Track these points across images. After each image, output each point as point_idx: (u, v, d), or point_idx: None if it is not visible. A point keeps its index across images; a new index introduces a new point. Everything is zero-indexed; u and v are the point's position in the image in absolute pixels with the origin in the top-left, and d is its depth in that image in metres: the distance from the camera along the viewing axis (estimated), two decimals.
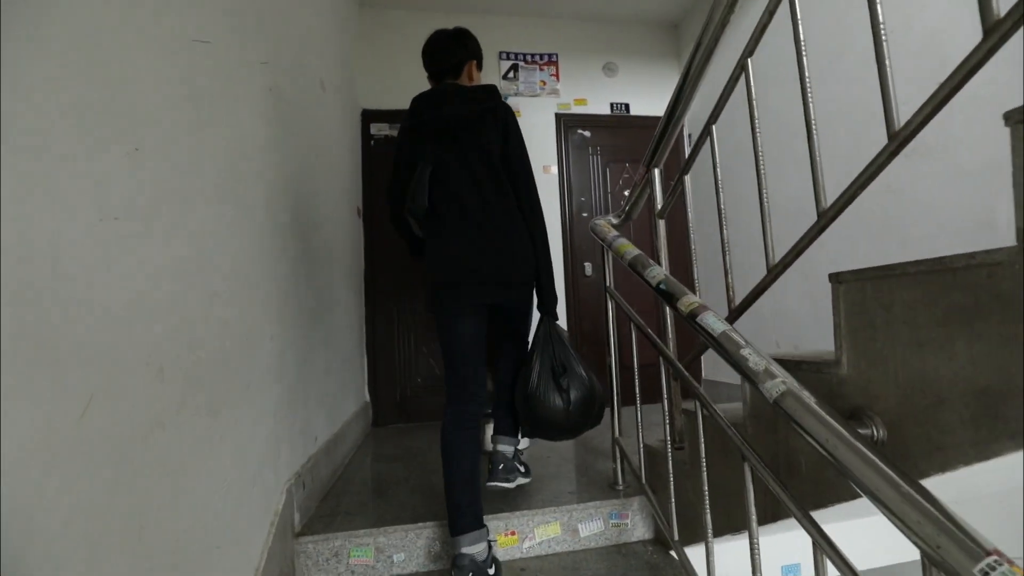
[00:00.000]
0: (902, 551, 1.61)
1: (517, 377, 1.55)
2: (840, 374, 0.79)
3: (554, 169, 3.24)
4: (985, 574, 0.47)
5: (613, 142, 3.34)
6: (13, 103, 0.53)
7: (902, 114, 0.74)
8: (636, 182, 1.61)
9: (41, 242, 0.56)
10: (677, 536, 1.20)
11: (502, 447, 1.64)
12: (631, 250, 1.38)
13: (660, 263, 1.44)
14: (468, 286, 1.37)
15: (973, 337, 0.64)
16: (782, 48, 1.06)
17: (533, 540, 1.43)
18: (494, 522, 1.41)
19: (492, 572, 1.29)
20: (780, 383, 0.79)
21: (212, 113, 1.00)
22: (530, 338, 1.59)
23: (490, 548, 1.31)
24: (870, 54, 0.75)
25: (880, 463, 0.62)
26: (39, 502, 0.54)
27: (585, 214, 3.24)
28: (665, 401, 1.29)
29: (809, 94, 0.90)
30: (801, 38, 0.92)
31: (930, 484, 0.65)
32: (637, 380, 1.44)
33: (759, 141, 1.05)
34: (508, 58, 3.27)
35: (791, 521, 0.80)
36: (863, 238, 2.00)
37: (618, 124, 3.37)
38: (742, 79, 1.09)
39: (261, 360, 1.23)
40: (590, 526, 1.45)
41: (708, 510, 1.02)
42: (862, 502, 0.69)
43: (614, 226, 1.68)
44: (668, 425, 1.29)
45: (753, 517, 0.84)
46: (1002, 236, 1.41)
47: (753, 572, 0.84)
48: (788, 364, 0.92)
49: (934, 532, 0.50)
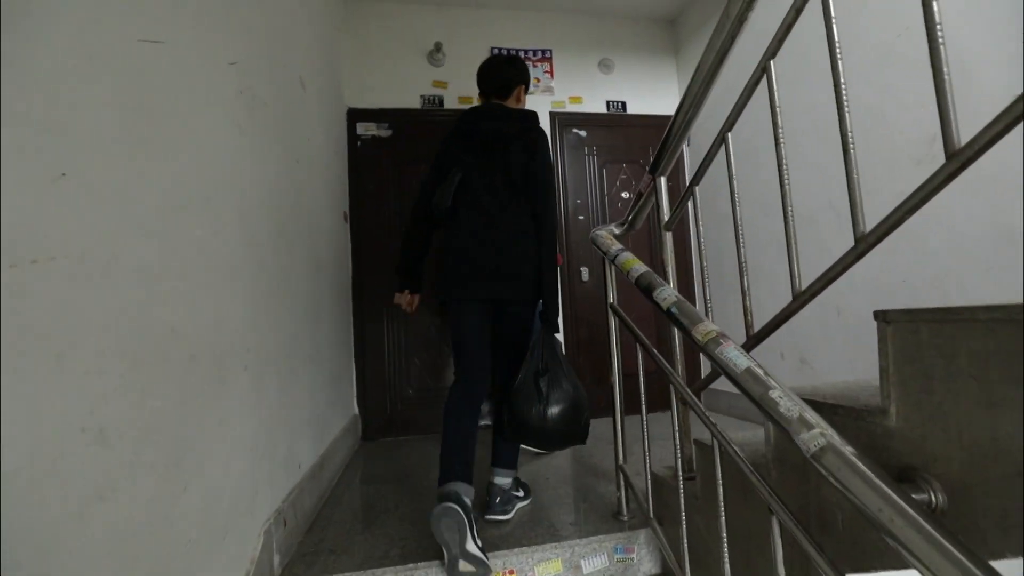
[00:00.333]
0: None
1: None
2: (887, 425, 0.70)
3: None
4: None
5: (609, 142, 3.23)
6: None
7: (922, 118, 0.65)
8: (640, 190, 1.51)
9: None
10: None
11: (499, 479, 1.59)
12: (637, 266, 1.28)
13: (668, 280, 1.34)
14: (469, 278, 1.52)
15: None
16: (791, 46, 0.95)
17: None
18: (491, 561, 1.30)
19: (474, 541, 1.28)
20: (819, 435, 0.70)
21: (167, 125, 0.88)
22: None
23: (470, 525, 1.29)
24: (888, 54, 0.65)
25: (944, 540, 0.53)
26: None
27: (581, 217, 3.13)
28: (675, 432, 1.19)
29: (846, 104, 0.80)
30: (835, 38, 0.81)
31: (1003, 567, 0.56)
32: (644, 397, 1.34)
33: (783, 152, 0.95)
34: (501, 53, 3.14)
35: None
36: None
37: (614, 123, 3.26)
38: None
39: (235, 392, 1.11)
40: (593, 562, 1.36)
41: (727, 559, 0.92)
42: (914, 573, 0.60)
43: (616, 237, 1.58)
44: (678, 456, 1.19)
45: None
46: None
47: None
48: (822, 407, 0.82)
49: None
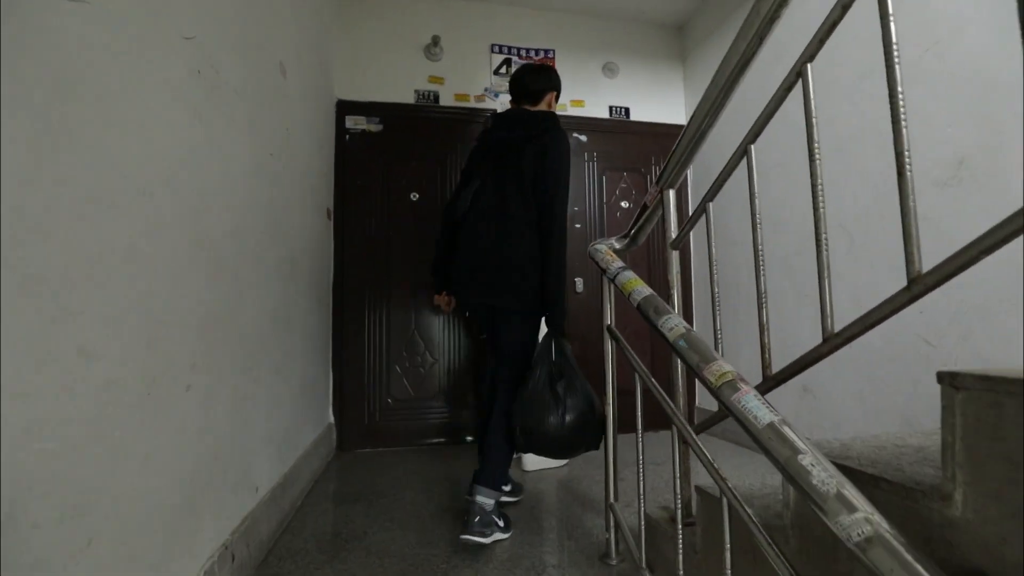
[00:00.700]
0: None
1: (495, 404, 1.60)
2: (950, 515, 0.57)
3: None
4: None
5: (610, 148, 3.11)
6: None
7: (951, 138, 0.52)
8: (646, 203, 1.38)
9: None
10: None
11: (481, 498, 1.47)
12: (640, 288, 1.15)
13: (673, 306, 1.21)
14: (467, 283, 1.60)
15: None
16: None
17: None
18: None
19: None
20: (863, 521, 0.56)
21: (89, 106, 0.73)
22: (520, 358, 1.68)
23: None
24: (914, 69, 0.52)
25: None
26: None
27: (578, 225, 3.00)
28: (676, 477, 1.06)
29: (903, 118, 0.67)
30: (893, 40, 0.69)
31: None
32: (640, 428, 1.20)
33: (819, 171, 0.82)
34: (501, 51, 3.00)
35: None
36: (882, 264, 1.79)
37: (617, 129, 3.13)
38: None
39: (172, 417, 0.96)
40: None
41: None
42: None
43: (616, 252, 1.45)
44: (678, 504, 1.06)
45: None
46: None
47: None
48: (859, 477, 0.69)
49: None
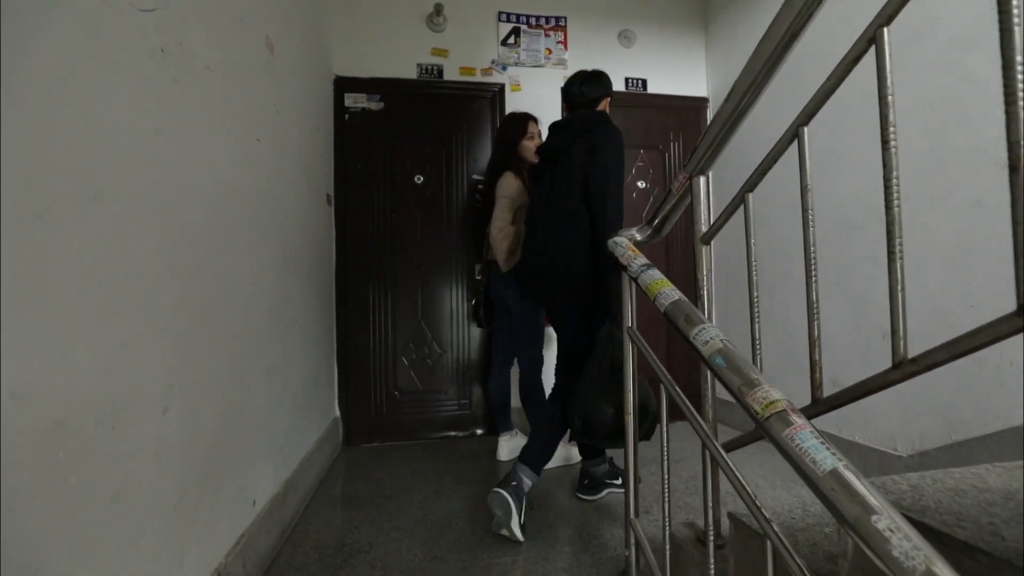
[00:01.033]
0: None
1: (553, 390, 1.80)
2: None
3: None
4: None
5: (626, 124, 2.90)
6: None
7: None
8: (672, 190, 1.23)
9: None
10: None
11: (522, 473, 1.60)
12: (668, 291, 1.01)
13: (704, 310, 1.07)
14: (526, 282, 1.78)
15: None
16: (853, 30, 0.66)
17: None
18: None
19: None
20: None
21: (17, 92, 0.61)
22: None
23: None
24: (968, 37, 0.37)
25: None
26: None
27: None
28: (708, 505, 0.95)
29: (1022, 95, 0.52)
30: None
31: None
32: (666, 450, 1.09)
33: (894, 161, 0.67)
34: (509, 19, 2.80)
35: None
36: (934, 256, 1.64)
37: (633, 103, 2.93)
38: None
39: (145, 448, 0.87)
40: None
41: None
42: None
43: (638, 244, 1.31)
44: (710, 527, 0.95)
45: None
46: None
47: None
48: (947, 542, 0.57)
49: None
